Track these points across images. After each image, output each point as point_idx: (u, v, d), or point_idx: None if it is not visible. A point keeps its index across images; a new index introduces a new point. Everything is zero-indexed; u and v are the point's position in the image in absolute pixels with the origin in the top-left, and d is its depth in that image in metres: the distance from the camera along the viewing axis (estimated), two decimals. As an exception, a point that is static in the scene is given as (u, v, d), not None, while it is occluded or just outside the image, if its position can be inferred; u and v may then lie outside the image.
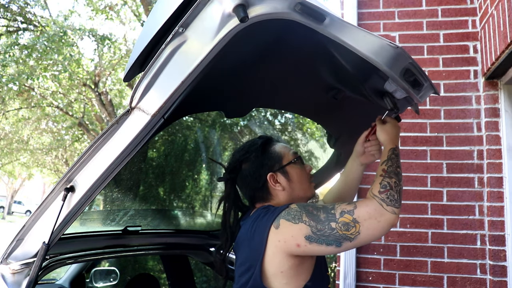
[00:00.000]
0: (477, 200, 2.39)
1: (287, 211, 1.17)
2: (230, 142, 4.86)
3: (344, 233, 1.09)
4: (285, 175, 1.33)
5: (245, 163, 1.36)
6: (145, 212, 2.94)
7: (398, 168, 1.20)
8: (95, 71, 10.01)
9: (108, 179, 1.22)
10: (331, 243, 1.11)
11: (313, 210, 1.15)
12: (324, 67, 1.43)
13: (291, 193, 1.33)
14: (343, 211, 1.11)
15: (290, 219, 1.15)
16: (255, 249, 1.20)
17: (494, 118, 2.40)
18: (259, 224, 1.21)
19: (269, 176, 1.32)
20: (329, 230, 1.10)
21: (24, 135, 13.18)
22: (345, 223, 1.09)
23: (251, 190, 1.35)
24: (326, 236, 1.10)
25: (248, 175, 1.34)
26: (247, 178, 1.35)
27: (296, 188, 1.34)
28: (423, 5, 2.64)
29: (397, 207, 1.11)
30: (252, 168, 1.34)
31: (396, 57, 1.11)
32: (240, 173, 1.37)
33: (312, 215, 1.13)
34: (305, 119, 6.54)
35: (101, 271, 3.08)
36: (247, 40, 1.06)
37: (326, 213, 1.13)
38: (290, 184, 1.33)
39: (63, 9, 19.78)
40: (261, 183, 1.32)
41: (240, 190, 1.41)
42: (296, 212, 1.16)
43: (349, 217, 1.10)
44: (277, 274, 1.17)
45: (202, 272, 5.39)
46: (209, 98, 1.49)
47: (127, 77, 1.16)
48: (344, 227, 1.09)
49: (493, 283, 2.24)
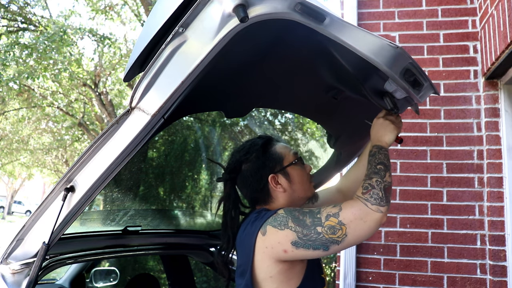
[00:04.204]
0: (477, 200, 2.39)
1: (274, 217, 1.16)
2: (230, 142, 4.86)
3: (331, 237, 1.08)
4: (286, 176, 1.32)
5: (245, 164, 1.34)
6: (145, 212, 2.94)
7: (379, 165, 1.16)
8: (95, 71, 10.02)
9: (108, 179, 1.22)
10: (318, 247, 1.10)
11: (300, 215, 1.14)
12: (324, 67, 1.43)
13: (292, 194, 1.32)
14: (328, 214, 1.10)
15: (276, 226, 1.15)
16: (246, 254, 1.21)
17: (494, 118, 2.40)
18: (249, 229, 1.21)
19: (270, 178, 1.31)
20: (315, 235, 1.09)
21: (24, 135, 13.18)
22: (331, 226, 1.09)
23: (251, 192, 1.34)
24: (312, 241, 1.10)
25: (249, 176, 1.33)
26: (248, 179, 1.33)
27: (297, 189, 1.33)
28: (423, 5, 2.64)
29: (382, 205, 1.09)
30: (253, 169, 1.33)
31: (396, 57, 1.11)
32: (240, 174, 1.35)
33: (298, 221, 1.13)
34: (305, 119, 6.54)
35: (101, 271, 3.08)
36: (247, 40, 1.06)
37: (312, 218, 1.12)
38: (291, 185, 1.32)
39: (63, 9, 19.76)
40: (262, 185, 1.31)
41: (240, 191, 1.40)
42: (283, 218, 1.15)
43: (335, 220, 1.09)
44: (266, 279, 1.17)
45: (202, 272, 5.39)
46: (209, 98, 1.49)
47: (127, 77, 1.16)
48: (330, 231, 1.08)
49: (493, 283, 2.24)
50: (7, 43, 8.41)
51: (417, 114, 2.19)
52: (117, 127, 1.15)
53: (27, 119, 12.22)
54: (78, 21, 17.09)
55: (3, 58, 7.95)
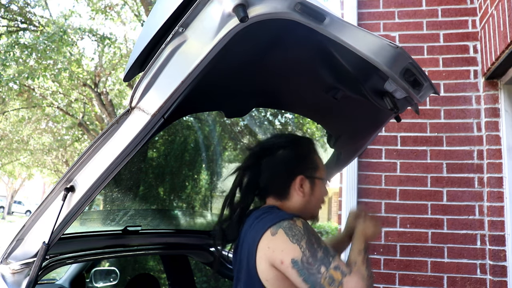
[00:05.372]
0: (477, 200, 2.39)
1: (291, 225, 1.14)
2: (230, 142, 4.86)
3: (324, 285, 1.06)
4: (312, 185, 1.32)
5: (283, 150, 1.32)
6: (145, 212, 2.94)
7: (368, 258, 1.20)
8: (95, 71, 10.02)
9: (108, 179, 1.22)
10: (307, 282, 1.07)
11: (315, 242, 1.12)
12: (324, 67, 1.43)
13: (306, 204, 1.31)
14: (338, 266, 1.08)
15: (289, 235, 1.12)
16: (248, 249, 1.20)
17: (494, 118, 2.40)
18: (258, 224, 1.20)
19: (300, 178, 1.29)
20: (316, 271, 1.07)
21: (24, 135, 13.19)
22: (332, 277, 1.06)
23: (272, 178, 1.31)
24: (309, 273, 1.07)
25: (280, 163, 1.30)
26: (278, 165, 1.30)
27: (313, 202, 1.33)
28: (423, 5, 2.64)
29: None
30: (288, 159, 1.30)
31: (396, 57, 1.11)
32: (272, 156, 1.32)
33: (311, 246, 1.10)
34: (305, 119, 6.54)
35: (101, 271, 3.08)
36: (247, 40, 1.06)
37: (324, 255, 1.09)
38: (310, 196, 1.32)
39: (64, 9, 19.77)
40: (288, 178, 1.29)
41: (260, 172, 1.34)
42: (299, 232, 1.13)
43: (339, 276, 1.07)
44: (263, 281, 1.16)
45: (202, 272, 5.39)
46: (209, 98, 1.49)
47: (127, 77, 1.16)
48: (329, 280, 1.06)
49: (493, 283, 2.24)
50: (7, 43, 8.41)
51: (417, 114, 2.19)
52: (117, 127, 1.15)
53: (27, 119, 12.23)
54: (78, 21, 17.10)
55: (3, 58, 7.95)
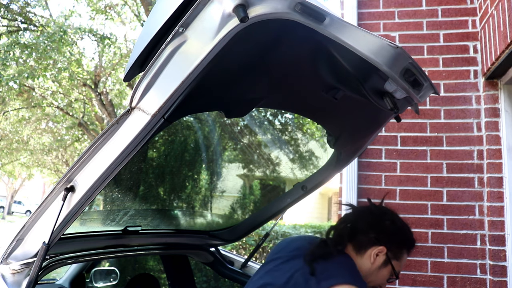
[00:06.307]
0: (477, 200, 2.38)
1: None
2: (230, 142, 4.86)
3: None
4: (384, 264, 1.32)
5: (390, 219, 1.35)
6: (145, 212, 2.94)
7: None
8: (95, 71, 10.02)
9: (108, 179, 1.22)
10: None
11: None
12: (324, 67, 1.43)
13: (368, 275, 1.32)
14: None
15: None
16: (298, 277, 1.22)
17: (494, 118, 2.40)
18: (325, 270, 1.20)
19: (381, 248, 1.30)
20: None
21: (24, 135, 13.20)
22: None
23: (362, 228, 1.33)
24: None
25: (382, 225, 1.33)
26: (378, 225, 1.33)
27: (373, 277, 1.33)
28: (423, 5, 2.64)
29: None
30: (390, 229, 1.33)
31: (396, 57, 1.11)
32: (375, 214, 1.37)
33: None
34: (305, 119, 6.54)
35: (101, 271, 3.08)
36: (247, 40, 1.06)
37: None
38: (377, 272, 1.33)
39: (64, 9, 19.76)
40: (372, 240, 1.31)
41: (359, 217, 1.39)
42: None
43: None
44: None
45: (202, 272, 5.39)
46: (209, 98, 1.49)
47: (127, 77, 1.16)
48: None
49: (493, 283, 2.24)
50: (7, 43, 8.42)
51: (417, 114, 2.19)
52: (117, 127, 1.15)
53: (27, 119, 12.23)
54: (78, 21, 17.11)
55: (3, 58, 7.95)
